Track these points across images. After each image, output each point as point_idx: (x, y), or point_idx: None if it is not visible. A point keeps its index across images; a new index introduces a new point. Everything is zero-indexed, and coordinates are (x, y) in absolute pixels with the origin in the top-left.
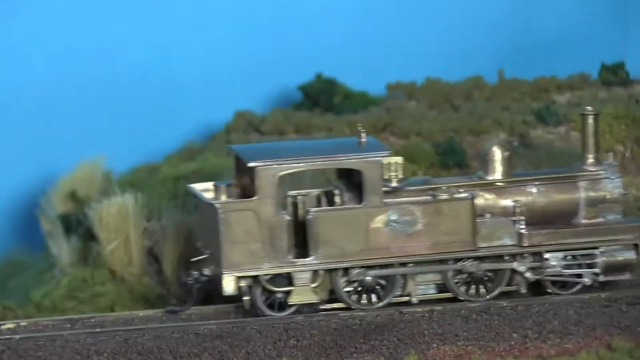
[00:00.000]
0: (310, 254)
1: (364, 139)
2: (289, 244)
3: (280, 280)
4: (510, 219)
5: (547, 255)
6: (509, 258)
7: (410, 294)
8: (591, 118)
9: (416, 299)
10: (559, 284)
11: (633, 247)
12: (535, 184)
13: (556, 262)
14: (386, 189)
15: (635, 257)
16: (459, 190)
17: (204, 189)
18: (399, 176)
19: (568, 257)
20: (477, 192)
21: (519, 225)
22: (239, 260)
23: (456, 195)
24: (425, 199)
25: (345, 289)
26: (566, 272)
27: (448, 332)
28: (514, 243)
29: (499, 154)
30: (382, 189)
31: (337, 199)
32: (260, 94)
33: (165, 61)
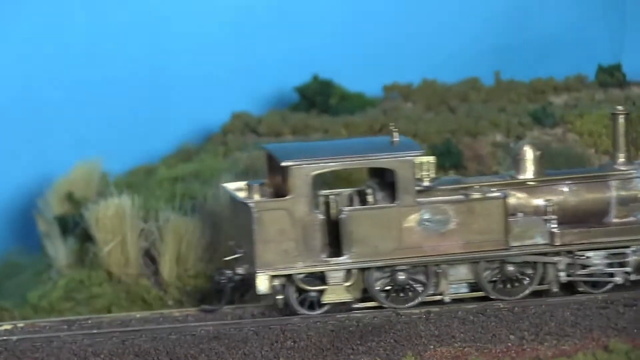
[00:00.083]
0: (344, 253)
1: (396, 138)
2: (322, 243)
3: (313, 279)
4: (542, 218)
5: (590, 253)
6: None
7: (442, 292)
8: (622, 118)
9: (448, 297)
10: (590, 283)
11: None
12: (567, 183)
13: (599, 261)
14: (419, 188)
15: None
16: (491, 189)
17: (237, 188)
18: (431, 175)
19: (610, 255)
20: (509, 191)
21: (551, 224)
22: (272, 259)
23: (489, 195)
24: (458, 198)
25: (377, 287)
26: (599, 271)
27: (445, 334)
28: (546, 242)
29: (530, 153)
30: (415, 188)
31: (370, 198)
32: (257, 95)
33: (162, 63)
